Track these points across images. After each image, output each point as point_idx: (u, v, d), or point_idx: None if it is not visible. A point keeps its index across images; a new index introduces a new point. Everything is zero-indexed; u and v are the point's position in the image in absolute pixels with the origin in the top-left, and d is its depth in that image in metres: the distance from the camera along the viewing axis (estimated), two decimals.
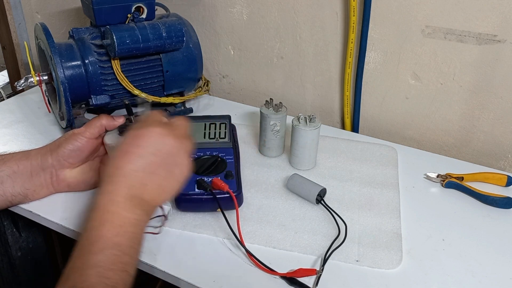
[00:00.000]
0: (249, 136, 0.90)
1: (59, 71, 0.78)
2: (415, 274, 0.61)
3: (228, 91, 1.15)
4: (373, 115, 0.99)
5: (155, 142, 0.57)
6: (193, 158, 0.75)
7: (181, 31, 0.86)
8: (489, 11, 0.79)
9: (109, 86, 0.86)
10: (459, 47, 0.84)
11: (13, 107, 0.98)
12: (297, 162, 0.80)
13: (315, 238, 0.66)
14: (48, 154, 0.69)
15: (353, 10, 0.87)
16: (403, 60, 0.90)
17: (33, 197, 0.69)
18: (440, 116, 0.92)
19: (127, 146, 0.57)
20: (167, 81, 0.91)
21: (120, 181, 0.54)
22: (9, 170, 0.66)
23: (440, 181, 0.79)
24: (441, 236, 0.68)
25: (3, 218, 0.81)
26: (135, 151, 0.56)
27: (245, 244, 0.62)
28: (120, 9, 0.84)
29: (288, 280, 0.58)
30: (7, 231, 0.83)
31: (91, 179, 0.72)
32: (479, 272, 0.62)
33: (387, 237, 0.66)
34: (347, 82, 0.96)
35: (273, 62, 1.05)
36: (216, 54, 1.11)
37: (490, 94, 0.86)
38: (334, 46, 0.96)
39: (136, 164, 0.55)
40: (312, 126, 0.76)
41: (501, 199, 0.73)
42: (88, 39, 0.85)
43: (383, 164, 0.83)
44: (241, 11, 1.03)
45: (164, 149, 0.57)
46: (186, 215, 0.69)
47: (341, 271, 0.61)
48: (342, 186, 0.77)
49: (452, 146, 0.94)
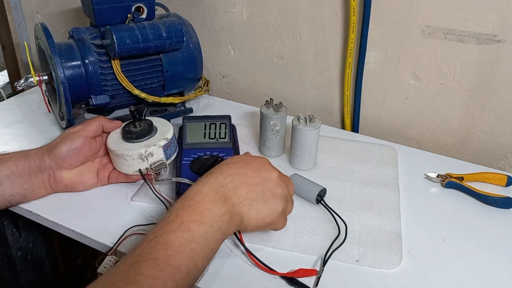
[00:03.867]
0: (249, 136, 0.90)
1: (59, 71, 0.78)
2: (415, 274, 0.61)
3: (228, 91, 1.15)
4: (373, 115, 0.99)
5: (263, 168, 0.60)
6: (194, 158, 0.75)
7: (181, 31, 0.86)
8: (489, 11, 0.79)
9: (109, 86, 0.86)
10: (459, 47, 0.84)
11: (13, 107, 0.98)
12: (297, 162, 0.80)
13: (315, 238, 0.66)
14: (45, 154, 0.69)
15: (353, 10, 0.87)
16: (403, 60, 0.90)
17: (31, 197, 0.69)
18: (440, 116, 0.92)
19: (235, 159, 0.61)
20: (167, 81, 0.91)
21: (215, 177, 0.57)
22: (7, 170, 0.66)
23: (440, 181, 0.79)
24: (441, 236, 0.68)
25: (3, 218, 0.81)
26: (239, 163, 0.59)
27: (245, 244, 0.62)
28: (120, 9, 0.84)
29: (289, 280, 0.58)
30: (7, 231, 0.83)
31: (88, 180, 0.72)
32: (479, 272, 0.62)
33: (387, 237, 0.66)
34: (347, 82, 0.96)
35: (273, 62, 1.05)
36: (216, 54, 1.11)
37: (490, 94, 0.86)
38: (334, 46, 0.96)
39: (236, 170, 0.58)
40: (312, 126, 0.76)
41: (501, 199, 0.73)
42: (88, 39, 0.85)
43: (383, 164, 0.83)
44: (241, 11, 1.03)
45: (265, 175, 0.59)
46: None
47: (341, 271, 0.61)
48: (342, 186, 0.77)
49: (452, 146, 0.94)
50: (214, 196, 0.55)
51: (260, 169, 0.60)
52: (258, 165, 0.60)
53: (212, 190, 0.55)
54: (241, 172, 0.58)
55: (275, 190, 0.59)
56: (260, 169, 0.60)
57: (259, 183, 0.58)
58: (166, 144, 0.70)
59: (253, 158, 0.61)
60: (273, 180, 0.60)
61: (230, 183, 0.56)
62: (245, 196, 0.57)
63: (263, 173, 0.59)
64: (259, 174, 0.59)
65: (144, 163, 0.69)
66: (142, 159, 0.68)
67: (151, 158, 0.69)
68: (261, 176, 0.59)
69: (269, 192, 0.59)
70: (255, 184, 0.58)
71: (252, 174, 0.59)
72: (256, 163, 0.60)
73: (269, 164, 0.62)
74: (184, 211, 0.53)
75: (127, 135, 0.70)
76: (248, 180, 0.58)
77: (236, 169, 0.58)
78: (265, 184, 0.59)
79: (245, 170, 0.59)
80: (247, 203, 0.57)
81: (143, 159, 0.68)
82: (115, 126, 0.74)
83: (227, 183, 0.56)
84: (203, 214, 0.53)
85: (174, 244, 0.50)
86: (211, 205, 0.54)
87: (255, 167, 0.59)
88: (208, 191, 0.55)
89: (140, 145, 0.69)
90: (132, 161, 0.69)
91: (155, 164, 0.69)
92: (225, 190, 0.56)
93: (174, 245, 0.50)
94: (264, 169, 0.60)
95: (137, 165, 0.69)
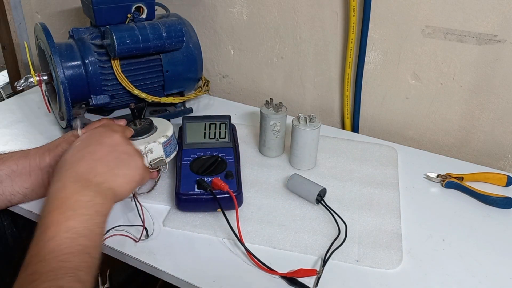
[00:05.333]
0: (249, 136, 0.90)
1: (59, 71, 0.78)
2: (415, 274, 0.61)
3: (228, 91, 1.15)
4: (373, 115, 0.99)
5: (99, 136, 0.61)
6: (194, 158, 0.75)
7: (181, 31, 0.86)
8: (489, 11, 0.79)
9: (109, 86, 0.86)
10: (459, 47, 0.84)
11: (13, 107, 0.98)
12: (297, 162, 0.80)
13: (315, 238, 0.66)
14: (46, 154, 0.69)
15: (353, 10, 0.87)
16: (403, 60, 0.90)
17: (32, 196, 0.69)
18: (440, 116, 0.92)
19: (74, 145, 0.61)
20: (167, 81, 0.91)
21: (66, 170, 0.56)
22: (8, 169, 0.66)
23: (440, 181, 0.79)
24: (441, 236, 0.68)
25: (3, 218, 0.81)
26: (78, 145, 0.60)
27: (245, 244, 0.62)
28: (120, 9, 0.84)
29: (289, 280, 0.58)
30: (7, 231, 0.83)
31: None
32: (479, 272, 0.62)
33: (387, 237, 0.66)
34: (347, 82, 0.96)
35: (273, 62, 1.05)
36: (216, 54, 1.11)
37: (490, 94, 0.86)
38: (334, 46, 0.96)
39: (80, 153, 0.58)
40: (312, 126, 0.76)
41: (501, 199, 0.73)
42: (88, 39, 0.85)
43: (383, 164, 0.83)
44: (241, 11, 1.03)
45: (109, 141, 0.60)
46: (186, 215, 0.69)
47: (341, 271, 0.61)
48: (342, 186, 0.77)
49: (452, 146, 0.94)
50: (75, 186, 0.54)
51: (102, 139, 0.60)
52: (97, 136, 0.61)
53: (70, 182, 0.55)
54: (85, 151, 0.58)
55: (126, 149, 0.61)
56: (102, 139, 0.60)
57: (109, 151, 0.59)
58: (165, 142, 0.70)
59: (90, 133, 0.62)
60: (119, 142, 0.61)
61: (82, 167, 0.56)
62: (104, 170, 0.57)
63: (107, 141, 0.60)
64: (104, 143, 0.60)
65: (144, 160, 0.69)
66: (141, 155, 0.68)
67: (150, 155, 0.69)
68: (107, 144, 0.60)
69: (123, 154, 0.60)
70: (105, 154, 0.59)
71: (98, 148, 0.59)
72: (95, 135, 0.61)
73: (106, 129, 0.62)
74: (54, 214, 0.52)
75: None
76: (97, 154, 0.58)
77: (79, 152, 0.59)
78: (115, 149, 0.60)
79: (88, 148, 0.59)
80: (110, 175, 0.57)
81: (142, 155, 0.68)
82: None
83: (80, 168, 0.56)
84: (75, 208, 0.52)
85: (63, 248, 0.49)
86: (78, 195, 0.54)
87: (96, 140, 0.60)
88: (67, 185, 0.54)
89: (140, 142, 0.69)
90: None
91: (154, 161, 0.69)
92: (82, 175, 0.56)
93: (62, 249, 0.49)
94: (105, 136, 0.61)
95: None
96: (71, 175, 0.56)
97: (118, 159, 0.59)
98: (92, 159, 0.58)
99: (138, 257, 0.61)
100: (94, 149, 0.59)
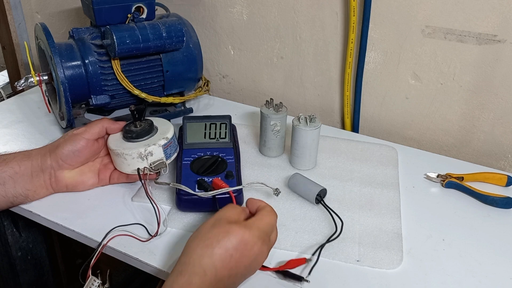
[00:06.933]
0: (250, 136, 0.90)
1: (59, 71, 0.78)
2: (416, 274, 0.61)
3: (228, 91, 1.15)
4: (373, 115, 0.99)
5: (237, 244, 0.52)
6: (194, 158, 0.75)
7: (181, 31, 0.86)
8: (489, 11, 0.79)
9: (109, 86, 0.86)
10: (459, 47, 0.84)
11: (13, 107, 0.98)
12: (297, 162, 0.80)
13: (316, 238, 0.66)
14: (47, 154, 0.69)
15: (353, 10, 0.87)
16: (403, 60, 0.90)
17: (33, 197, 0.69)
18: (440, 116, 0.92)
19: (206, 236, 0.53)
20: (167, 81, 0.91)
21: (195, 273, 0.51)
22: (11, 171, 0.66)
23: (440, 181, 0.79)
24: (441, 236, 0.68)
25: (3, 218, 0.81)
26: (234, 256, 0.52)
27: None
28: (120, 9, 0.84)
29: (282, 273, 0.59)
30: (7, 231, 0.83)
31: (89, 180, 0.72)
32: (479, 272, 0.62)
33: (387, 237, 0.66)
34: (347, 82, 0.96)
35: (273, 62, 1.05)
36: (216, 54, 1.11)
37: (490, 94, 0.86)
38: (334, 46, 0.96)
39: (229, 272, 0.52)
40: (312, 126, 0.76)
41: (501, 199, 0.73)
42: (88, 39, 0.85)
43: (383, 164, 0.83)
44: (241, 11, 1.03)
45: (256, 256, 0.54)
46: (186, 215, 0.69)
47: (342, 271, 0.61)
48: (342, 186, 0.77)
49: (452, 146, 0.94)
50: None
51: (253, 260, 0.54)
52: (252, 256, 0.53)
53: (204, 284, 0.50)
54: (232, 272, 0.52)
55: (262, 260, 0.56)
56: (253, 260, 0.54)
57: (250, 264, 0.54)
58: (166, 144, 0.70)
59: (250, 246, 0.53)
60: (261, 252, 0.54)
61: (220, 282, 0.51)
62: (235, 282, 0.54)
63: (253, 261, 0.54)
64: (251, 264, 0.54)
65: (144, 163, 0.68)
66: (141, 158, 0.68)
67: (150, 158, 0.69)
68: (252, 264, 0.54)
69: (257, 265, 0.55)
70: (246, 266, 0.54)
71: (244, 270, 0.54)
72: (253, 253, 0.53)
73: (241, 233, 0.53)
74: None
75: (127, 135, 0.70)
76: (240, 273, 0.53)
77: (229, 270, 0.52)
78: (253, 262, 0.54)
79: (237, 269, 0.53)
80: (237, 282, 0.54)
81: (142, 158, 0.68)
82: (119, 127, 0.73)
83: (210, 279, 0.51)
84: None
85: None
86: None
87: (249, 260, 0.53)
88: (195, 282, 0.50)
89: (140, 144, 0.69)
90: (132, 160, 0.69)
91: (155, 163, 0.69)
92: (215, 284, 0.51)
93: None
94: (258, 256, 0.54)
95: (137, 164, 0.69)
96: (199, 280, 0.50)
97: (246, 269, 0.54)
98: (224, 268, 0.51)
99: (138, 257, 0.61)
100: (241, 271, 0.53)
